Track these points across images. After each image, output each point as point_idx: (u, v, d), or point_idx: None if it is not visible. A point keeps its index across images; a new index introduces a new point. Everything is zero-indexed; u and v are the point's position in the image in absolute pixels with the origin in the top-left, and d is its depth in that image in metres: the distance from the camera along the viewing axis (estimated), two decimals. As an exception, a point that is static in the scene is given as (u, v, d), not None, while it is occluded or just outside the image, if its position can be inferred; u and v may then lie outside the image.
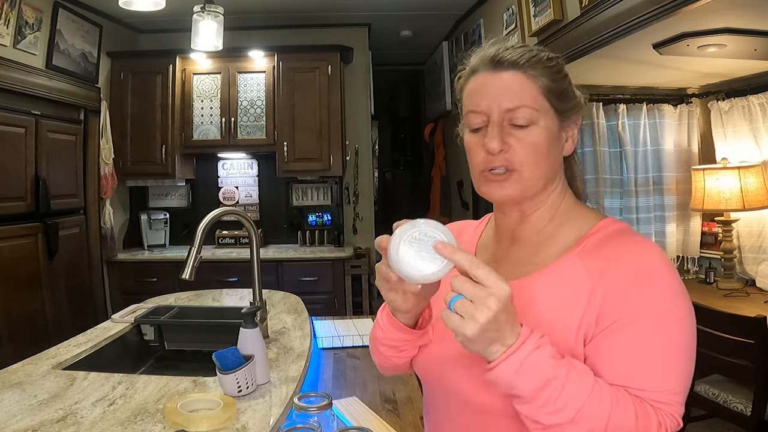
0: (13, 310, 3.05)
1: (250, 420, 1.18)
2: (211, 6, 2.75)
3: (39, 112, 3.33)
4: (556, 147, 0.81)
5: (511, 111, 0.78)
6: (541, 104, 0.79)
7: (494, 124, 0.79)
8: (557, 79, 0.81)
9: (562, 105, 0.81)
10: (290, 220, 4.58)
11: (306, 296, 2.54)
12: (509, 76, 0.79)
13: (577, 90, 0.86)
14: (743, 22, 2.14)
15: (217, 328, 2.04)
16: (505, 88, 0.79)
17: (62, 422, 1.16)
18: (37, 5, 3.18)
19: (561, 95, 0.81)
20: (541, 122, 0.79)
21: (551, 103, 0.80)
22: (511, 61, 0.79)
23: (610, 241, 0.79)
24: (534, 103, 0.78)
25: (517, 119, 0.78)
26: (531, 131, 0.78)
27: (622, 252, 0.76)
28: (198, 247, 1.59)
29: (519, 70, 0.79)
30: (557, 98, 0.81)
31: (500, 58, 0.80)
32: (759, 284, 2.87)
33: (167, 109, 4.14)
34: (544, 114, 0.79)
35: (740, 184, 2.83)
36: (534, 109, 0.78)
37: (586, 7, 2.50)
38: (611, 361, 0.70)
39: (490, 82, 0.80)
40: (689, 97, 3.42)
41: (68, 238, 3.62)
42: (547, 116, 0.79)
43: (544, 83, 0.80)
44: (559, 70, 0.82)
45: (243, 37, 4.23)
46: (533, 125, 0.78)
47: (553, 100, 0.80)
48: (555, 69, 0.81)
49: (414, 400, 1.55)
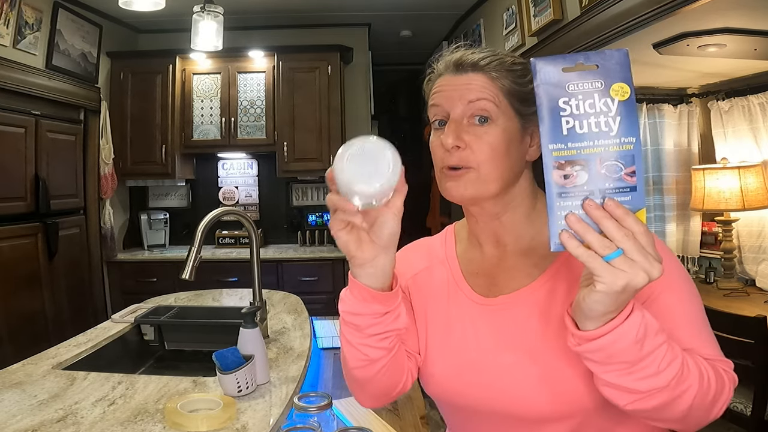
0: (13, 310, 3.05)
1: (250, 420, 1.18)
2: (211, 6, 2.75)
3: (39, 112, 3.33)
4: (516, 149, 0.81)
5: (471, 102, 0.79)
6: (502, 104, 0.80)
7: (452, 121, 0.80)
8: (520, 83, 0.81)
9: (524, 108, 0.81)
10: (290, 220, 4.58)
11: (306, 296, 2.54)
12: (470, 77, 0.81)
13: None
14: (743, 22, 2.14)
15: (217, 328, 2.03)
16: (466, 86, 0.80)
17: (62, 422, 1.16)
18: (37, 5, 3.18)
19: (523, 99, 0.81)
20: (500, 121, 0.79)
21: (512, 105, 0.80)
22: (473, 63, 0.81)
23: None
24: (494, 98, 0.79)
25: (477, 112, 0.79)
26: (489, 130, 0.79)
27: None
28: (198, 247, 1.59)
29: (480, 72, 0.81)
30: (519, 101, 0.81)
31: (463, 61, 0.82)
32: (759, 284, 2.87)
33: (167, 109, 4.14)
34: (504, 113, 0.80)
35: (740, 183, 2.83)
36: (494, 104, 0.79)
37: (586, 7, 2.49)
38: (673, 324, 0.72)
39: (452, 82, 0.82)
40: (689, 97, 3.42)
41: (68, 238, 3.62)
42: (506, 116, 0.80)
43: (506, 85, 0.80)
44: (523, 75, 0.82)
45: (243, 37, 4.23)
46: (492, 123, 0.79)
47: (515, 103, 0.80)
48: (518, 73, 0.82)
49: (414, 400, 1.55)
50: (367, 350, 0.79)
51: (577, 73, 0.62)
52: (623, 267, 0.58)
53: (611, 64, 0.61)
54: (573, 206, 0.61)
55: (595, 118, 0.61)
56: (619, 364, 0.64)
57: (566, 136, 0.61)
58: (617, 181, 0.61)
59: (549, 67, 0.62)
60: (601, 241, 0.59)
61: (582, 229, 0.60)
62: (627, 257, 0.58)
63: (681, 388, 0.65)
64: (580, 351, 0.65)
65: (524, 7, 3.06)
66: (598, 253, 0.59)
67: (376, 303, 0.74)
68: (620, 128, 0.61)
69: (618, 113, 0.61)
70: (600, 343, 0.62)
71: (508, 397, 0.79)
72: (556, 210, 0.62)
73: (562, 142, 0.61)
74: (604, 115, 0.61)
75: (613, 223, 0.59)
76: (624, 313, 0.62)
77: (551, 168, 0.62)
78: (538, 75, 0.62)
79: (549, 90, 0.62)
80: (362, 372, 0.82)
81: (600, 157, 0.61)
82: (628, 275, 0.58)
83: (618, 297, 0.59)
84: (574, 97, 0.62)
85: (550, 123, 0.62)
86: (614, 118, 0.61)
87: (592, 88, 0.61)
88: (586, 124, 0.61)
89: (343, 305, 0.77)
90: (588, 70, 0.62)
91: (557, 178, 0.61)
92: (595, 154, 0.61)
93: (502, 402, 0.80)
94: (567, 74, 0.62)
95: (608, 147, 0.61)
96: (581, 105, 0.61)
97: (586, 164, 0.61)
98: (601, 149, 0.61)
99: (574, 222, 0.60)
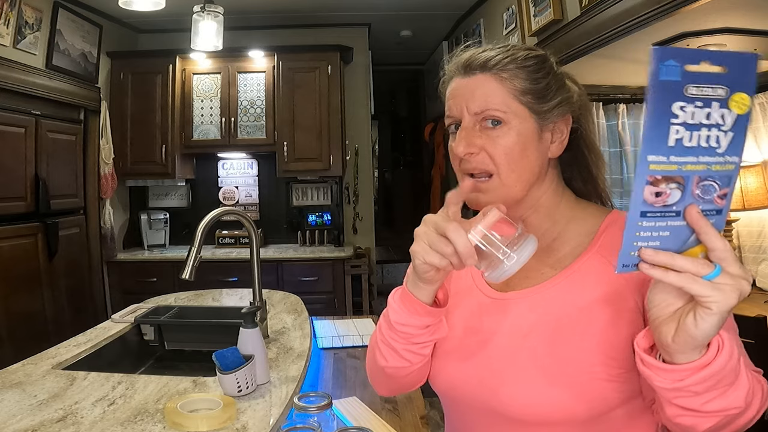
0: (13, 310, 3.05)
1: (250, 420, 1.18)
2: (211, 6, 2.75)
3: (39, 112, 3.33)
4: (534, 148, 0.78)
5: (477, 114, 0.77)
6: (512, 107, 0.77)
7: (462, 128, 0.79)
8: (534, 78, 0.78)
9: (540, 105, 0.78)
10: (290, 220, 4.58)
11: (306, 296, 2.54)
12: (478, 79, 0.78)
13: (571, 86, 0.83)
14: (743, 22, 2.14)
15: (217, 328, 2.03)
16: (472, 92, 0.78)
17: (62, 422, 1.16)
18: (37, 5, 3.18)
19: (539, 95, 0.78)
20: (513, 123, 0.77)
21: (526, 104, 0.77)
22: (480, 64, 0.78)
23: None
24: (502, 106, 0.76)
25: (486, 122, 0.77)
26: (502, 133, 0.76)
27: None
28: (198, 247, 1.59)
29: (488, 73, 0.78)
30: (534, 98, 0.78)
31: (471, 62, 0.79)
32: (759, 284, 2.86)
33: (167, 109, 4.14)
34: (517, 115, 0.77)
35: (740, 183, 2.83)
36: (501, 112, 0.76)
37: (586, 7, 2.50)
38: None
39: (461, 87, 0.80)
40: (689, 97, 3.42)
41: (68, 238, 3.62)
42: (519, 118, 0.77)
43: (517, 85, 0.77)
44: (537, 69, 0.79)
45: (243, 37, 4.23)
46: (504, 126, 0.77)
47: (529, 101, 0.78)
48: (532, 68, 0.78)
49: (414, 400, 1.55)
50: (409, 356, 0.81)
51: (701, 74, 0.52)
52: (727, 281, 0.55)
53: (739, 69, 0.52)
54: (656, 228, 0.55)
55: (707, 130, 0.53)
56: (724, 386, 0.60)
57: (672, 147, 0.53)
58: (707, 203, 0.55)
59: (671, 62, 0.51)
60: (695, 262, 0.55)
61: (668, 259, 0.55)
62: (726, 270, 0.55)
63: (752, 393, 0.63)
64: (683, 386, 0.59)
65: (524, 7, 3.07)
66: (698, 274, 0.55)
67: (427, 316, 0.76)
68: (729, 146, 0.54)
69: (732, 128, 0.53)
70: (714, 367, 0.58)
71: (498, 395, 0.78)
72: (635, 230, 0.55)
73: (665, 154, 0.53)
74: (716, 129, 0.53)
75: (715, 232, 0.55)
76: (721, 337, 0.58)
77: (644, 183, 0.54)
78: (656, 69, 0.51)
79: (666, 89, 0.51)
80: (397, 371, 0.84)
81: (699, 176, 0.54)
82: (737, 287, 0.55)
83: (731, 312, 0.56)
84: (692, 103, 0.52)
85: (657, 130, 0.52)
86: (726, 134, 0.53)
87: (714, 95, 0.52)
88: (696, 137, 0.53)
89: (395, 315, 0.78)
90: (713, 72, 0.52)
91: (648, 195, 0.54)
92: (695, 171, 0.54)
93: (493, 400, 0.79)
94: (690, 74, 0.52)
95: (711, 165, 0.54)
96: (697, 114, 0.52)
97: (683, 183, 0.54)
98: (703, 167, 0.54)
99: (654, 256, 0.55)
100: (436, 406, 0.96)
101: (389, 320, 0.79)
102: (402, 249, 6.99)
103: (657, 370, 0.60)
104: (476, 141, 0.77)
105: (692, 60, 0.52)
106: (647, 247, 0.56)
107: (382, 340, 0.82)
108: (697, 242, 0.57)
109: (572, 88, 0.83)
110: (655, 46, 0.52)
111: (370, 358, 0.90)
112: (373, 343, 0.86)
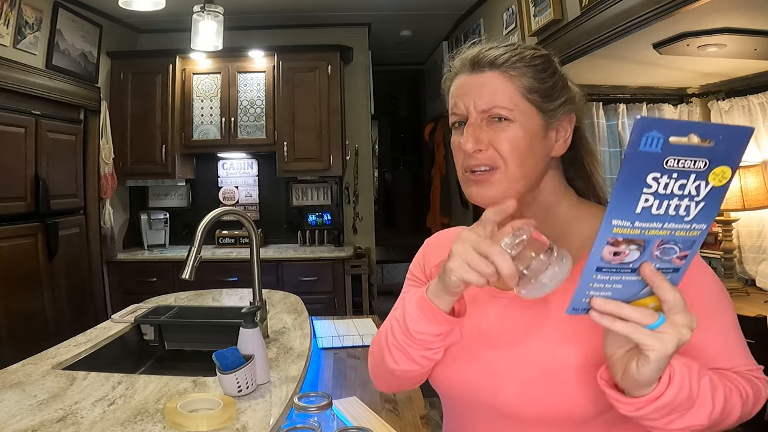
0: (13, 310, 3.05)
1: (250, 420, 1.18)
2: (211, 6, 2.75)
3: (39, 112, 3.33)
4: (539, 147, 0.79)
5: (485, 111, 0.77)
6: (520, 105, 0.77)
7: (469, 125, 0.78)
8: (541, 77, 0.79)
9: (546, 104, 0.79)
10: (290, 220, 4.58)
11: (306, 296, 2.54)
12: (486, 77, 0.78)
13: (573, 87, 0.84)
14: (743, 22, 2.14)
15: (217, 328, 2.03)
16: (481, 90, 0.78)
17: (62, 422, 1.16)
18: (37, 5, 3.18)
19: (545, 94, 0.79)
20: (520, 120, 0.77)
21: (533, 102, 0.78)
22: (489, 61, 0.78)
23: None
24: (509, 104, 0.77)
25: (493, 119, 0.77)
26: (508, 128, 0.77)
27: None
28: (198, 247, 1.59)
29: (497, 70, 0.78)
30: (541, 97, 0.78)
31: (479, 59, 0.79)
32: (759, 284, 2.86)
33: (167, 109, 4.14)
34: (523, 112, 0.77)
35: (740, 183, 2.83)
36: (509, 110, 0.77)
37: (586, 7, 2.50)
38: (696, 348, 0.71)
39: (468, 83, 0.80)
40: (689, 97, 3.42)
41: (68, 238, 3.62)
42: (526, 115, 0.77)
43: (525, 83, 0.78)
44: (544, 68, 0.79)
45: (243, 37, 4.23)
46: (512, 123, 0.77)
47: (536, 100, 0.78)
48: (539, 67, 0.79)
49: (414, 400, 1.55)
50: (422, 361, 0.82)
51: (684, 147, 0.50)
52: (669, 330, 0.58)
53: (728, 143, 0.50)
54: (609, 281, 0.57)
55: (678, 200, 0.52)
56: (681, 411, 0.64)
57: (638, 214, 0.52)
58: (665, 263, 0.56)
59: (655, 133, 0.49)
60: (640, 313, 0.58)
61: (616, 309, 0.58)
62: (670, 319, 0.58)
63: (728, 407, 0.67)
64: (642, 414, 0.64)
65: (524, 7, 3.07)
66: (642, 323, 0.58)
67: (446, 325, 0.77)
68: (698, 214, 0.53)
69: (705, 199, 0.52)
70: (664, 400, 0.62)
71: (498, 393, 0.78)
72: (590, 281, 0.57)
73: (630, 220, 0.53)
74: (689, 199, 0.52)
75: (668, 285, 0.58)
76: (672, 363, 0.62)
77: (604, 243, 0.54)
78: (637, 139, 0.49)
79: (643, 160, 0.50)
80: (405, 374, 0.84)
81: (661, 240, 0.54)
82: (676, 336, 0.58)
83: (670, 358, 0.60)
84: (668, 174, 0.51)
85: (625, 197, 0.52)
86: (698, 204, 0.52)
87: (693, 168, 0.50)
88: (666, 205, 0.52)
89: (414, 324, 0.77)
90: (698, 145, 0.50)
91: (606, 254, 0.55)
92: (658, 236, 0.54)
93: (492, 398, 0.79)
94: (673, 146, 0.50)
95: (675, 231, 0.54)
96: (671, 185, 0.51)
97: (644, 245, 0.55)
98: (667, 233, 0.54)
99: (603, 305, 0.59)
100: (436, 406, 0.96)
101: (405, 327, 0.79)
102: (402, 249, 7.00)
103: (616, 402, 0.65)
104: (483, 137, 0.77)
105: (679, 132, 0.50)
106: (599, 296, 0.59)
107: (395, 344, 0.82)
108: (651, 292, 0.59)
109: (573, 88, 0.84)
110: (640, 117, 0.50)
111: (375, 358, 0.90)
112: (381, 344, 0.86)
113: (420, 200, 7.32)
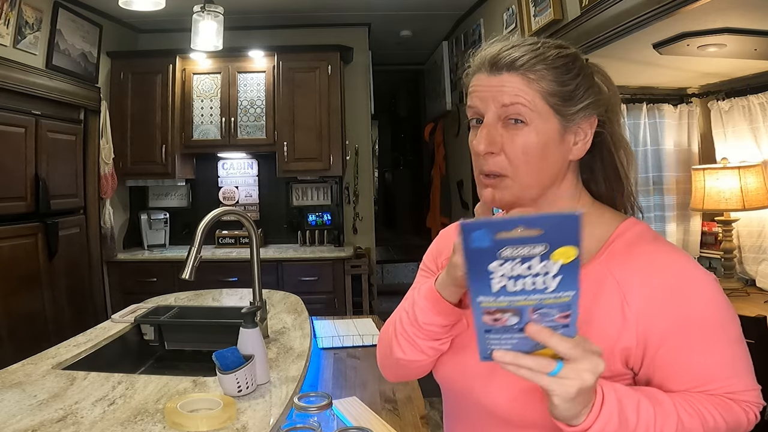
0: (13, 310, 3.05)
1: (250, 420, 1.18)
2: (211, 6, 2.75)
3: (39, 112, 3.33)
4: (555, 150, 0.77)
5: (505, 107, 0.75)
6: (538, 107, 0.75)
7: (484, 125, 0.77)
8: (563, 81, 0.75)
9: (566, 108, 0.76)
10: (290, 220, 4.58)
11: (306, 296, 2.54)
12: (504, 79, 0.76)
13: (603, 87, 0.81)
14: (743, 22, 2.14)
15: (217, 328, 2.04)
16: (497, 91, 0.76)
17: (62, 422, 1.16)
18: (37, 5, 3.18)
19: (566, 98, 0.76)
20: (535, 124, 0.75)
21: (552, 106, 0.75)
22: (508, 63, 0.75)
23: (636, 248, 0.76)
24: (529, 103, 0.75)
25: (511, 115, 0.75)
26: (522, 132, 0.75)
27: (652, 264, 0.74)
28: (198, 247, 1.59)
29: (516, 73, 0.75)
30: (561, 101, 0.76)
31: (499, 59, 0.76)
32: (759, 284, 2.86)
33: (167, 109, 4.14)
34: (540, 115, 0.75)
35: (740, 183, 2.83)
36: (528, 108, 0.74)
37: (586, 6, 2.50)
38: (678, 373, 0.72)
39: (485, 84, 0.78)
40: (689, 97, 3.42)
41: (68, 238, 3.62)
42: (543, 118, 0.75)
43: (545, 86, 0.75)
44: (567, 70, 0.76)
45: (243, 37, 4.23)
46: (525, 126, 0.75)
47: (556, 103, 0.75)
48: (562, 69, 0.76)
49: (414, 400, 1.55)
50: (430, 351, 0.84)
51: (514, 238, 0.55)
52: (570, 375, 0.60)
53: (558, 230, 0.54)
54: (502, 339, 0.61)
55: (532, 278, 0.56)
56: None
57: (496, 292, 0.57)
58: (550, 323, 0.59)
59: (477, 233, 0.55)
60: (538, 362, 0.60)
61: (514, 359, 0.61)
62: (570, 364, 0.60)
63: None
64: None
65: (524, 7, 3.06)
66: (541, 371, 0.60)
67: (453, 315, 0.79)
68: (559, 285, 0.56)
69: (559, 273, 0.56)
70: (596, 429, 0.64)
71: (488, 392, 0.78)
72: (485, 338, 0.61)
73: (493, 296, 0.57)
74: (542, 276, 0.56)
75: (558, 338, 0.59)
76: (597, 399, 0.64)
77: (480, 313, 0.59)
78: (465, 239, 0.56)
79: (478, 254, 0.56)
80: (412, 363, 0.86)
81: (533, 307, 0.58)
82: (577, 381, 0.60)
83: (577, 399, 0.62)
84: (509, 261, 0.55)
85: (478, 283, 0.57)
86: (554, 277, 0.56)
87: (534, 252, 0.55)
88: (521, 283, 0.56)
89: (423, 315, 0.80)
90: (529, 235, 0.54)
91: (487, 320, 0.59)
92: (528, 305, 0.58)
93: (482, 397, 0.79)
94: (502, 240, 0.55)
95: (542, 299, 0.57)
96: (517, 268, 0.56)
97: (518, 312, 0.58)
98: (534, 302, 0.57)
99: (502, 357, 0.61)
100: (436, 406, 0.97)
101: (414, 317, 0.81)
102: (402, 249, 7.00)
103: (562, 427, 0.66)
104: (497, 139, 0.76)
105: (505, 228, 0.55)
106: (499, 348, 0.61)
107: (403, 334, 0.84)
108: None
109: (602, 87, 0.81)
110: (462, 222, 0.56)
111: (383, 347, 0.92)
112: (390, 334, 0.88)
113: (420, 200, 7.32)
